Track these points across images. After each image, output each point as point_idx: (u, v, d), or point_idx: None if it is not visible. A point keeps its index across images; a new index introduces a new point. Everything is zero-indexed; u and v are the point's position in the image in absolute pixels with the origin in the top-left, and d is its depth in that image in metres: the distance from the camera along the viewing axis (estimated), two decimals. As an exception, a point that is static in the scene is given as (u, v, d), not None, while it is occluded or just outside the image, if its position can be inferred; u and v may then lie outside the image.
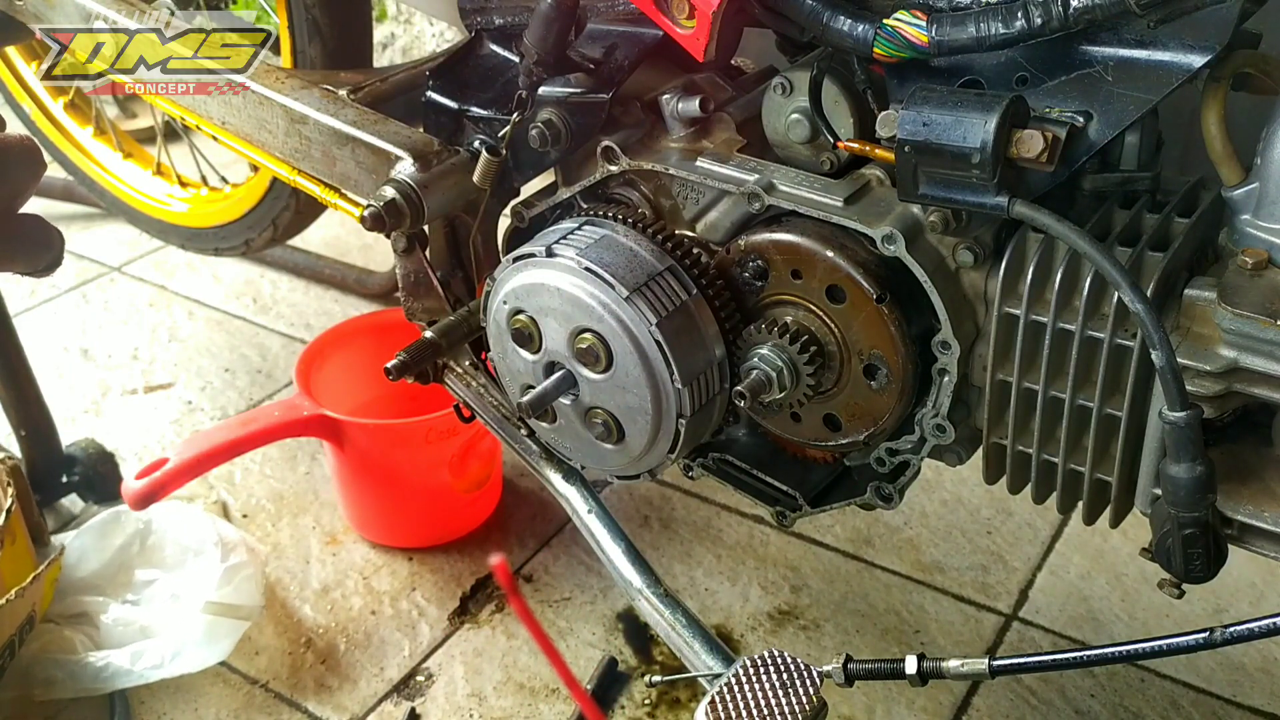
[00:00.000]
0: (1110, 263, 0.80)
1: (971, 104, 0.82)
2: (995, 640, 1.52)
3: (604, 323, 0.99)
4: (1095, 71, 0.85)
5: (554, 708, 1.44)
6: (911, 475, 1.05)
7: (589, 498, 1.21)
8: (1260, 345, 0.80)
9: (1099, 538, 1.65)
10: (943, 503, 1.75)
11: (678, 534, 1.70)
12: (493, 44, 1.19)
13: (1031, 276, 0.89)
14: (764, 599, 1.59)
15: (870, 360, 0.98)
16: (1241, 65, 0.87)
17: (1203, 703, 1.42)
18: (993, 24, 0.83)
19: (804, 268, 0.97)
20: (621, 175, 1.07)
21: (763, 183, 0.98)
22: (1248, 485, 0.86)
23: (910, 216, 0.92)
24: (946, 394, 0.96)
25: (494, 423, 1.26)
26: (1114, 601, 1.57)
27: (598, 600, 1.59)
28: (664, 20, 0.95)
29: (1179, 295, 0.86)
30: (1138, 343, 0.87)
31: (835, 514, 1.68)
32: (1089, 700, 1.42)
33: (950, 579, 1.61)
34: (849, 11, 0.89)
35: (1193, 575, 0.86)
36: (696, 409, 1.01)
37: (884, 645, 1.51)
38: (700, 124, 1.06)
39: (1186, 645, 0.86)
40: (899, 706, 1.41)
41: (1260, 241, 0.85)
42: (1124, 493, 0.94)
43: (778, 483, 1.14)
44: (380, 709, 1.45)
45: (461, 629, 1.56)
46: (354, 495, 1.70)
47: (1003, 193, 0.83)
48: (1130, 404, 0.89)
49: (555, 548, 1.69)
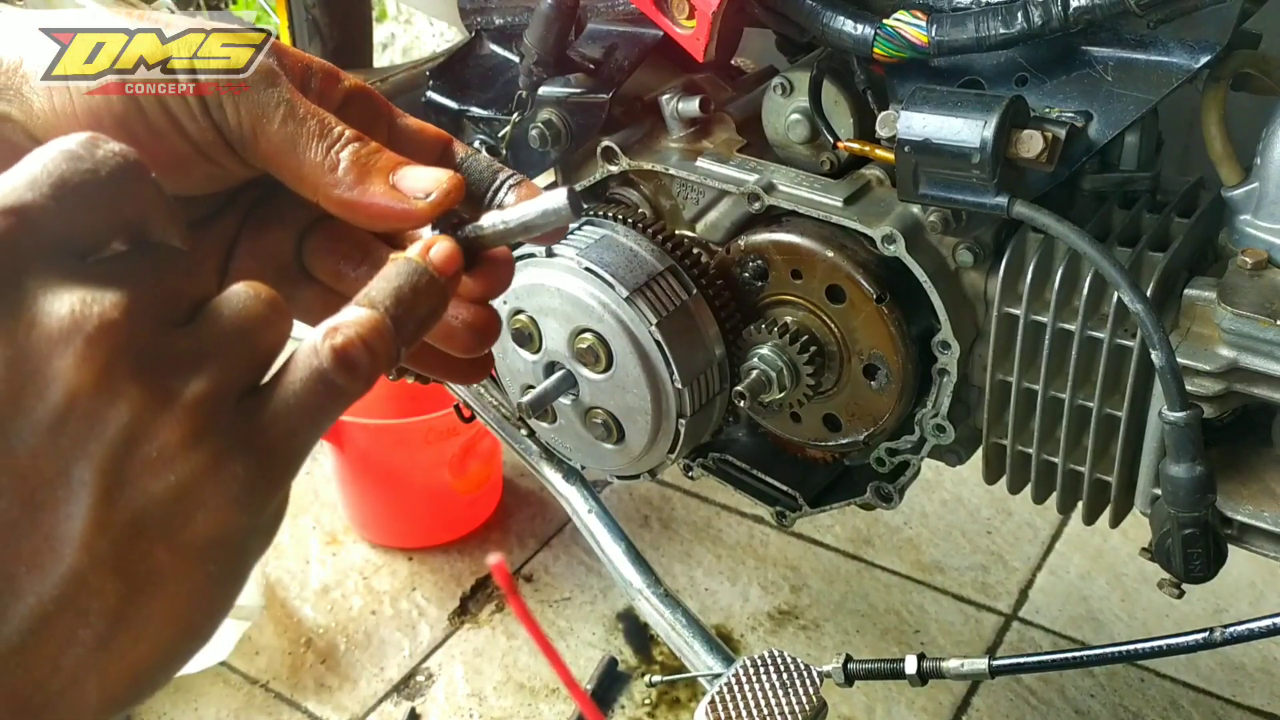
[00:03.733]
0: (1110, 263, 0.80)
1: (971, 104, 0.82)
2: (995, 640, 1.52)
3: (604, 323, 0.99)
4: (1095, 71, 0.85)
5: (554, 708, 1.44)
6: (911, 475, 1.05)
7: (589, 498, 1.21)
8: (1260, 345, 0.80)
9: (1099, 538, 1.65)
10: (942, 503, 1.75)
11: (678, 534, 1.70)
12: (493, 44, 1.19)
13: (1031, 276, 0.89)
14: (764, 599, 1.59)
15: (870, 360, 0.98)
16: (1241, 65, 0.87)
17: (1203, 703, 1.42)
18: (992, 24, 0.83)
19: (804, 268, 0.97)
20: (621, 175, 1.07)
21: (763, 183, 0.98)
22: (1247, 485, 0.86)
23: (910, 217, 0.92)
24: (946, 394, 0.96)
25: (494, 423, 1.26)
26: (1114, 601, 1.57)
27: (598, 600, 1.59)
28: (664, 20, 0.95)
29: (1179, 295, 0.86)
30: (1137, 343, 0.87)
31: (835, 514, 1.68)
32: (1089, 700, 1.42)
33: (950, 579, 1.61)
34: (849, 11, 0.89)
35: (1192, 575, 0.86)
36: (696, 409, 1.01)
37: (884, 645, 1.51)
38: (700, 124, 1.06)
39: (1186, 645, 0.86)
40: (899, 706, 1.41)
41: (1260, 241, 0.85)
42: (1124, 493, 0.94)
43: (778, 483, 1.14)
44: (380, 709, 1.45)
45: (461, 629, 1.56)
46: (354, 495, 1.70)
47: (1002, 193, 0.82)
48: (1130, 404, 0.89)
49: (555, 548, 1.69)
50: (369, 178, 0.48)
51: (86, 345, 0.35)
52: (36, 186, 0.37)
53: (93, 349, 0.35)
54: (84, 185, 0.38)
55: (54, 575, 0.34)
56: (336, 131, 0.48)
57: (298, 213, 0.53)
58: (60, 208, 0.37)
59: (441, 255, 0.44)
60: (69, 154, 0.38)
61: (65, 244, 0.37)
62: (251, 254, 0.54)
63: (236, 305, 0.40)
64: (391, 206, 0.48)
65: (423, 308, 0.43)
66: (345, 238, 0.53)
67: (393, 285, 0.42)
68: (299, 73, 0.50)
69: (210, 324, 0.39)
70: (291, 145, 0.48)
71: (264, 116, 0.47)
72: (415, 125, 0.54)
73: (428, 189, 0.48)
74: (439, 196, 0.48)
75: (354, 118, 0.50)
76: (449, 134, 0.54)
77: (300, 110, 0.48)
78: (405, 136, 0.54)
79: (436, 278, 0.44)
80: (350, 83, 0.53)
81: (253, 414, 0.38)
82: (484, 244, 0.49)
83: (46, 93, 0.47)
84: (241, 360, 0.39)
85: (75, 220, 0.37)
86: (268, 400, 0.39)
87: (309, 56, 0.52)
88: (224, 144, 0.48)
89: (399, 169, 0.48)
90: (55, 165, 0.37)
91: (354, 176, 0.47)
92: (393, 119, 0.54)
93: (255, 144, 0.48)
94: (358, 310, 0.41)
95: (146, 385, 0.36)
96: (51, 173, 0.37)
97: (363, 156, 0.48)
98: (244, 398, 0.39)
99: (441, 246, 0.45)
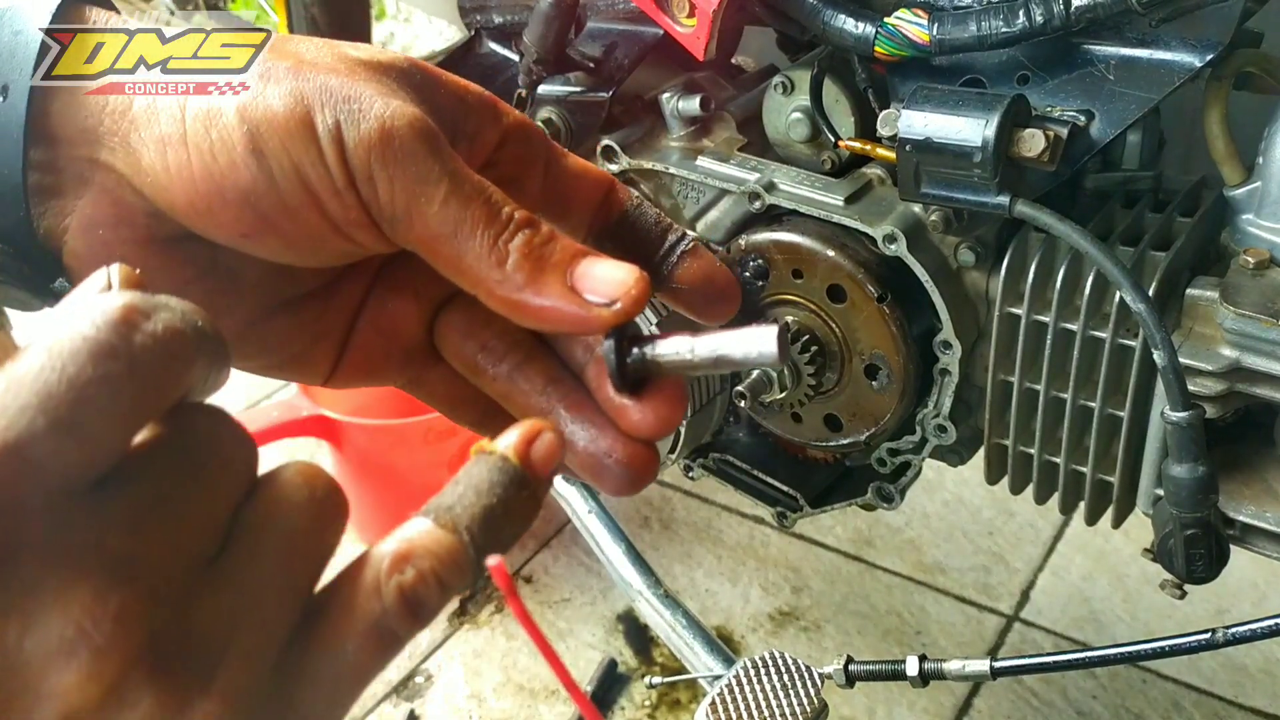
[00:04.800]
0: (1112, 262, 0.79)
1: (973, 103, 0.81)
2: (997, 641, 1.51)
3: (604, 322, 0.98)
4: (1097, 70, 0.85)
5: (553, 709, 1.43)
6: (913, 476, 1.05)
7: (589, 498, 1.21)
8: (1262, 345, 0.80)
9: (1101, 538, 1.64)
10: (944, 503, 1.74)
11: (678, 535, 1.70)
12: (492, 42, 1.19)
13: (1033, 276, 0.89)
14: (765, 600, 1.58)
15: (871, 360, 0.97)
16: (1244, 64, 0.87)
17: (1205, 704, 1.42)
18: (994, 22, 0.83)
19: (805, 267, 0.97)
20: (622, 174, 1.06)
21: (763, 182, 0.98)
22: (1250, 485, 0.86)
23: (911, 216, 0.92)
24: (948, 394, 0.96)
25: (494, 423, 1.26)
26: (1116, 602, 1.56)
27: (598, 601, 1.59)
28: (664, 19, 0.95)
29: (1181, 295, 0.85)
30: (1139, 343, 0.87)
31: (836, 515, 1.67)
32: (1091, 701, 1.42)
33: (952, 580, 1.61)
34: (850, 10, 0.89)
35: (1195, 576, 0.86)
36: (697, 409, 1.01)
37: (885, 646, 1.51)
38: (701, 123, 1.06)
39: (1189, 646, 0.85)
40: (900, 708, 1.41)
41: (1262, 241, 0.85)
42: (1126, 493, 0.94)
43: (778, 483, 1.14)
44: (379, 710, 1.45)
45: (460, 630, 1.56)
46: (353, 496, 1.69)
47: (1004, 192, 0.82)
48: (1132, 404, 0.89)
49: (555, 548, 1.69)
50: (543, 276, 0.39)
51: (95, 659, 0.27)
52: (49, 407, 0.28)
53: (102, 662, 0.28)
54: (112, 396, 0.29)
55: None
56: (505, 214, 0.40)
57: (435, 284, 0.45)
58: (77, 434, 0.28)
59: (543, 455, 0.35)
60: (97, 349, 0.29)
61: (79, 478, 0.28)
62: (375, 327, 0.47)
63: (285, 525, 0.32)
64: (567, 313, 0.39)
65: (512, 530, 0.35)
66: (489, 324, 0.45)
67: (483, 503, 0.34)
68: (451, 111, 0.43)
69: (248, 559, 0.31)
70: (453, 232, 0.39)
71: (422, 195, 0.39)
72: (577, 168, 0.46)
73: (613, 295, 0.39)
74: (626, 305, 0.39)
75: (509, 162, 0.44)
76: (612, 176, 0.47)
77: (465, 188, 0.40)
78: (565, 180, 0.46)
79: (536, 489, 0.35)
80: (510, 119, 0.45)
81: (292, 688, 0.31)
82: (659, 371, 0.41)
83: (160, 146, 0.40)
84: (284, 612, 0.31)
85: (95, 445, 0.29)
86: (312, 663, 0.31)
87: (465, 86, 0.44)
88: (370, 223, 0.40)
89: (577, 264, 0.40)
90: (79, 370, 0.28)
91: (525, 275, 0.39)
92: (551, 159, 0.46)
93: (409, 227, 0.40)
94: (435, 534, 0.33)
95: (162, 690, 0.28)
96: (74, 383, 0.28)
97: (536, 248, 0.40)
98: (284, 652, 0.31)
99: (543, 445, 0.35)
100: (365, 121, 0.39)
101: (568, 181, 0.46)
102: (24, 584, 0.27)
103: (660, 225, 0.45)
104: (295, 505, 0.32)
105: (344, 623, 0.32)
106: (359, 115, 0.40)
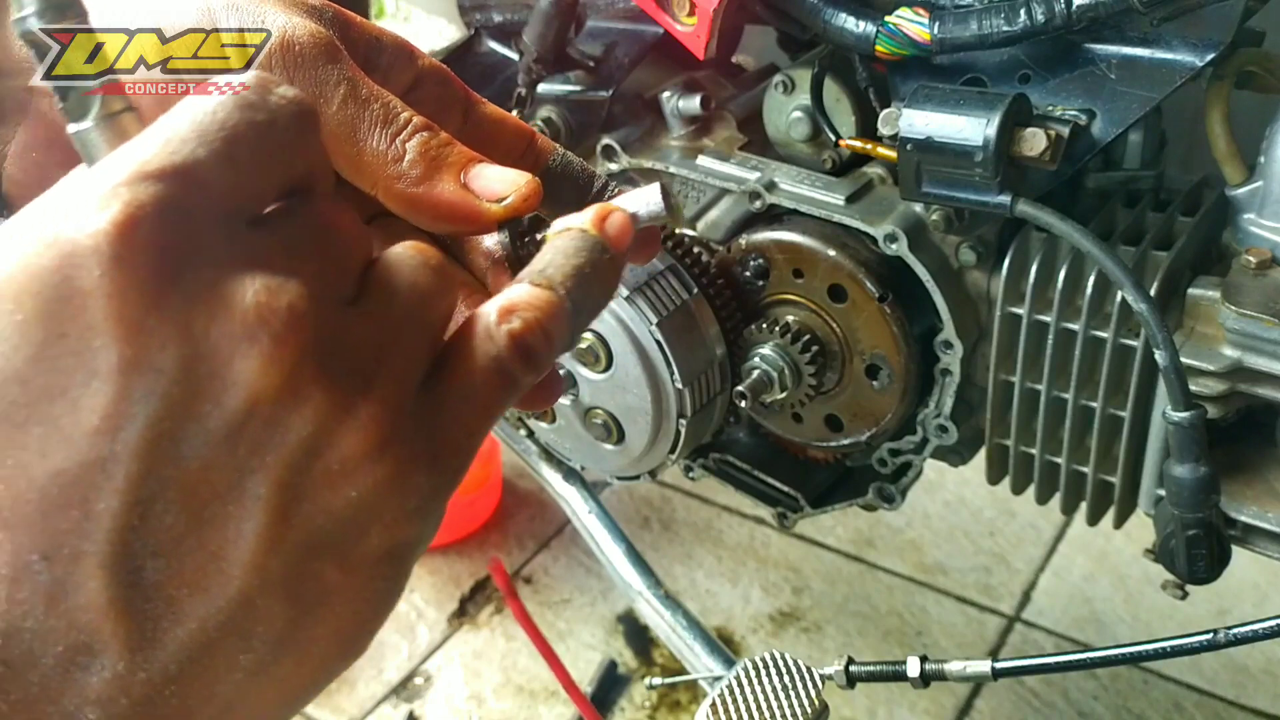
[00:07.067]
0: (1114, 262, 0.79)
1: (974, 102, 0.81)
2: (998, 642, 1.51)
3: (603, 322, 0.98)
4: (1098, 69, 0.85)
5: (553, 710, 1.43)
6: (914, 476, 1.05)
7: (589, 499, 1.20)
8: (1264, 345, 0.80)
9: (1102, 539, 1.64)
10: (945, 504, 1.74)
11: (678, 535, 1.70)
12: (491, 41, 1.19)
13: (1034, 276, 0.89)
14: (765, 601, 1.58)
15: (872, 360, 0.97)
16: (1245, 63, 0.87)
17: (1206, 704, 1.42)
18: (995, 21, 0.83)
19: (805, 267, 0.96)
20: (622, 173, 1.06)
21: (764, 181, 0.98)
22: (1252, 486, 0.86)
23: (912, 215, 0.92)
24: (949, 394, 0.96)
25: (493, 423, 1.26)
26: (1117, 603, 1.56)
27: (598, 602, 1.59)
28: (664, 18, 0.95)
29: (1182, 295, 0.85)
30: (1141, 342, 0.86)
31: (837, 515, 1.67)
32: (1092, 702, 1.42)
33: (953, 580, 1.61)
34: (851, 9, 0.88)
35: (1196, 576, 0.86)
36: (697, 409, 1.01)
37: (886, 647, 1.51)
38: (701, 122, 1.05)
39: (1190, 647, 0.85)
40: (901, 709, 1.41)
41: (1264, 241, 0.85)
42: (1127, 493, 0.94)
43: (779, 483, 1.14)
44: (378, 711, 1.45)
45: (460, 631, 1.56)
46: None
47: (1005, 191, 0.82)
48: (1134, 404, 0.89)
49: (555, 549, 1.68)
50: (438, 173, 0.42)
51: (274, 345, 0.31)
52: (207, 140, 0.32)
53: (280, 349, 0.31)
54: (259, 139, 0.33)
55: (219, 598, 0.31)
56: (403, 118, 0.43)
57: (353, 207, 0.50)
58: (234, 167, 0.32)
59: (617, 228, 0.39)
60: (242, 102, 0.33)
61: (237, 210, 0.32)
62: None
63: (408, 279, 0.35)
64: (460, 208, 0.42)
65: (601, 291, 0.38)
66: (403, 239, 0.50)
67: (573, 263, 0.37)
68: (364, 46, 0.46)
69: (383, 303, 0.34)
70: (351, 131, 0.42)
71: (320, 96, 0.42)
72: (494, 115, 0.48)
73: (503, 192, 0.42)
74: (515, 201, 0.42)
75: (425, 102, 0.46)
76: (532, 128, 0.49)
77: (363, 91, 0.43)
78: (483, 128, 0.48)
79: (616, 256, 0.38)
80: (425, 63, 0.47)
81: (432, 415, 0.34)
82: None
83: None
84: (420, 348, 0.34)
85: (248, 181, 0.32)
86: (445, 396, 0.34)
87: (379, 29, 0.47)
88: None
89: (473, 166, 0.43)
90: (227, 115, 0.32)
91: (421, 170, 0.42)
92: (470, 106, 0.48)
93: None
94: (533, 290, 0.36)
95: (330, 388, 0.31)
96: (224, 124, 0.32)
97: (432, 149, 0.43)
98: (420, 391, 0.34)
99: (617, 218, 0.39)
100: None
101: (487, 128, 0.48)
102: (205, 281, 0.30)
103: (585, 175, 0.47)
104: (416, 265, 0.35)
105: (469, 361, 0.35)
106: (260, 26, 0.43)
